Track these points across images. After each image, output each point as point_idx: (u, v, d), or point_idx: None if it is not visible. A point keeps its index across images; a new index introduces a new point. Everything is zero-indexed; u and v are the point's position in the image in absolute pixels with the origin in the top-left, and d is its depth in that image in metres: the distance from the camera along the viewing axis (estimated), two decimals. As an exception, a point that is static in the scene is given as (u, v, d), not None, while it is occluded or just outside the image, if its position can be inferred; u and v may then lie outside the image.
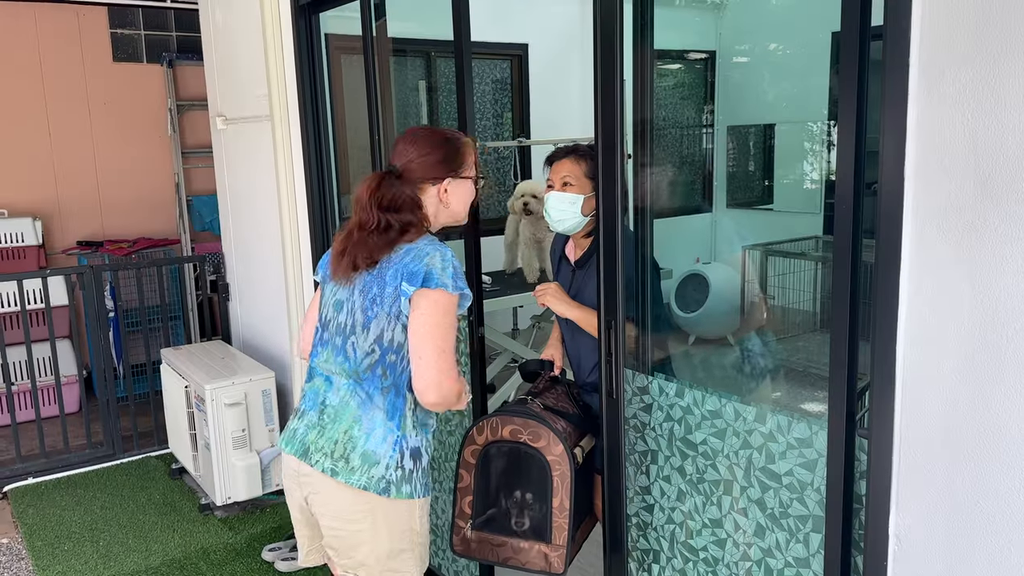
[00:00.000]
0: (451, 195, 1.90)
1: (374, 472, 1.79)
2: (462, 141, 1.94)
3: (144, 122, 5.57)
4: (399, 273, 1.77)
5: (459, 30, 2.39)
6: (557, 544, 2.01)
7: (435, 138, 1.91)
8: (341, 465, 1.81)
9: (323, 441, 1.85)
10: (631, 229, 2.04)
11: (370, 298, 1.80)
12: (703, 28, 6.22)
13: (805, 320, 5.20)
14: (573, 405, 2.24)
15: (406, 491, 1.81)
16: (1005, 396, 1.25)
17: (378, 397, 1.81)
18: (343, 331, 1.86)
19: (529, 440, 2.03)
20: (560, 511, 2.00)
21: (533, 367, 2.39)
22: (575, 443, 2.11)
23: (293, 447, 1.91)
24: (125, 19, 5.45)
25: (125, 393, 4.82)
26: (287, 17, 3.36)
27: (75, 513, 3.71)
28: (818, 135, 5.65)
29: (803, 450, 1.61)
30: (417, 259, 1.77)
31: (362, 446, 1.80)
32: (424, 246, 1.81)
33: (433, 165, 1.87)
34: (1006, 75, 1.20)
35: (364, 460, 1.80)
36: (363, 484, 1.79)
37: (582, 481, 2.16)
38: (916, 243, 1.33)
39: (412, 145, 1.89)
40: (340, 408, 1.85)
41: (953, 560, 1.35)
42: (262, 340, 4.20)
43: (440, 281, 1.74)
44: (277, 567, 3.19)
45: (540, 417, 2.04)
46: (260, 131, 3.75)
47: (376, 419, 1.81)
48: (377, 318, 1.79)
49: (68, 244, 5.33)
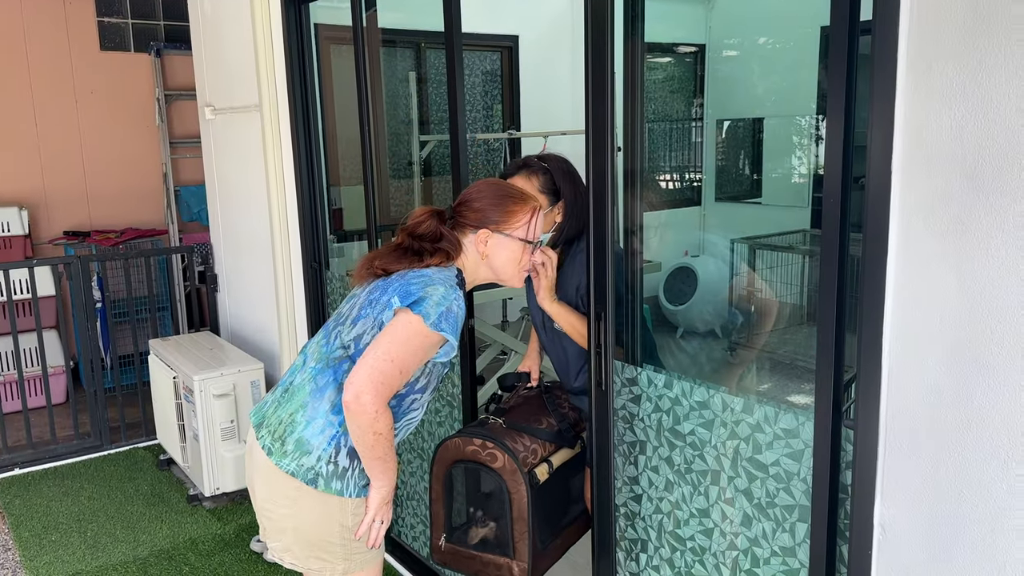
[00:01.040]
0: (491, 250, 1.88)
1: (304, 461, 1.78)
2: (521, 200, 1.90)
3: (132, 112, 5.53)
4: (399, 288, 1.76)
5: (450, 21, 2.39)
6: (520, 559, 2.10)
7: (495, 189, 1.91)
8: (276, 446, 1.81)
9: (274, 417, 1.86)
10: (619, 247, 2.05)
11: (370, 300, 1.81)
12: (693, 21, 6.23)
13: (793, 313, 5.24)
14: (550, 417, 2.26)
15: (336, 487, 1.79)
16: (988, 387, 1.27)
17: (331, 391, 1.80)
18: (338, 318, 1.89)
19: (487, 460, 2.09)
20: (519, 528, 2.08)
21: (511, 380, 2.42)
22: (543, 459, 2.16)
23: (255, 416, 1.93)
24: (112, 8, 5.41)
25: (112, 384, 4.80)
26: (276, 6, 3.34)
27: (62, 504, 3.70)
28: (807, 129, 5.68)
29: (790, 440, 1.63)
30: (421, 283, 1.75)
31: (299, 432, 1.80)
32: (436, 276, 1.79)
33: (477, 211, 1.87)
34: (993, 70, 1.21)
35: (297, 447, 1.79)
36: (291, 470, 1.79)
37: (558, 493, 2.21)
38: (903, 237, 1.35)
39: (475, 190, 1.91)
40: (297, 389, 1.85)
41: (937, 549, 1.37)
42: (251, 331, 4.20)
43: (424, 310, 1.71)
44: (266, 557, 3.19)
45: (496, 438, 2.10)
46: (249, 121, 3.73)
47: (320, 410, 1.80)
48: (364, 319, 1.79)
49: (55, 234, 5.30)
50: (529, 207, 1.90)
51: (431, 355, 1.78)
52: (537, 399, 2.34)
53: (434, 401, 2.81)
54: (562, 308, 2.14)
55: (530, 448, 2.14)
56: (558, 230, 2.20)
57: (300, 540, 1.85)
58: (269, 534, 1.91)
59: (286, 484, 1.80)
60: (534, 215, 1.91)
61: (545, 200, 2.15)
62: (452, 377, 2.70)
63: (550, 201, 2.16)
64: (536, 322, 2.35)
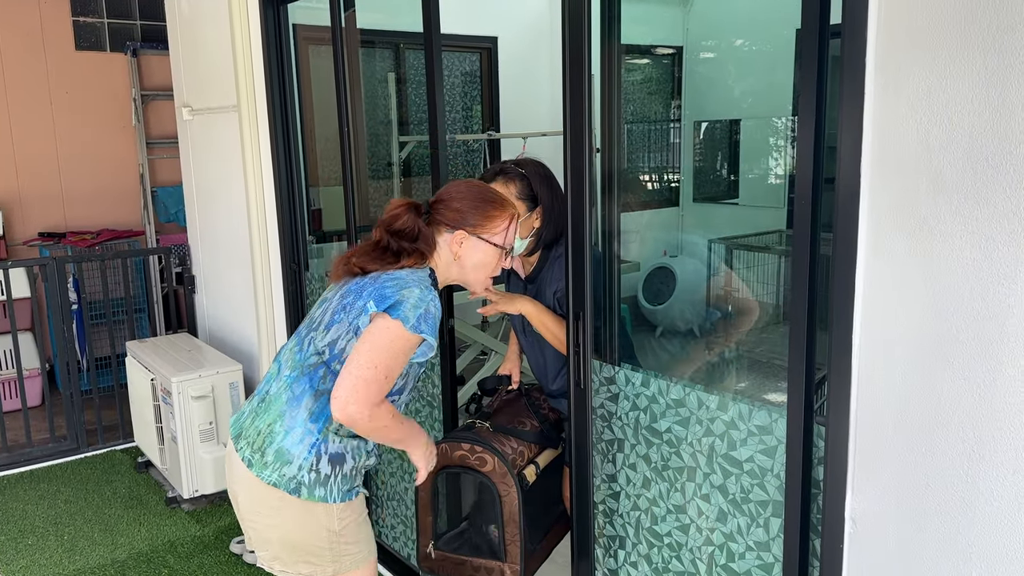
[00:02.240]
0: (465, 252, 1.87)
1: (286, 471, 1.78)
2: (501, 206, 1.89)
3: (108, 112, 5.48)
4: (373, 292, 1.75)
5: (429, 22, 2.40)
6: (512, 562, 2.11)
7: (476, 191, 1.90)
8: (256, 458, 1.80)
9: (251, 429, 1.85)
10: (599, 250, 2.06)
11: (343, 304, 1.79)
12: (670, 23, 6.27)
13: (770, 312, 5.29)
14: (533, 419, 2.28)
15: (319, 494, 1.79)
16: (952, 384, 1.30)
17: (308, 398, 1.79)
18: (310, 323, 1.87)
19: (476, 465, 2.10)
20: (511, 531, 2.09)
21: (491, 384, 2.42)
22: (529, 460, 2.18)
23: (234, 427, 1.91)
24: (87, 7, 5.36)
25: (89, 386, 4.75)
26: (255, 7, 3.34)
27: (39, 507, 3.67)
28: (782, 131, 5.74)
29: (763, 437, 1.66)
30: (396, 287, 1.75)
31: (278, 443, 1.79)
32: (410, 278, 1.78)
33: (456, 211, 1.86)
34: (958, 75, 1.24)
35: (277, 457, 1.78)
36: (273, 481, 1.78)
37: (544, 494, 2.23)
38: (872, 238, 1.38)
39: (455, 189, 1.90)
40: (273, 399, 1.84)
41: (906, 541, 1.41)
42: (229, 332, 4.18)
43: (402, 314, 1.70)
44: (245, 559, 3.18)
45: (485, 442, 2.11)
46: (227, 122, 3.72)
47: (298, 419, 1.79)
48: (339, 324, 1.78)
49: (29, 236, 5.24)
50: (508, 213, 1.90)
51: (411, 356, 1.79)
52: (519, 402, 2.36)
53: (414, 402, 2.82)
54: (536, 308, 2.15)
55: (517, 450, 2.14)
56: (536, 235, 2.21)
57: (287, 548, 1.84)
58: (255, 544, 1.90)
59: (269, 495, 1.80)
60: (512, 222, 1.91)
61: (523, 207, 2.16)
62: (432, 378, 2.71)
63: (528, 207, 2.17)
64: (516, 325, 2.36)
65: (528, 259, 2.30)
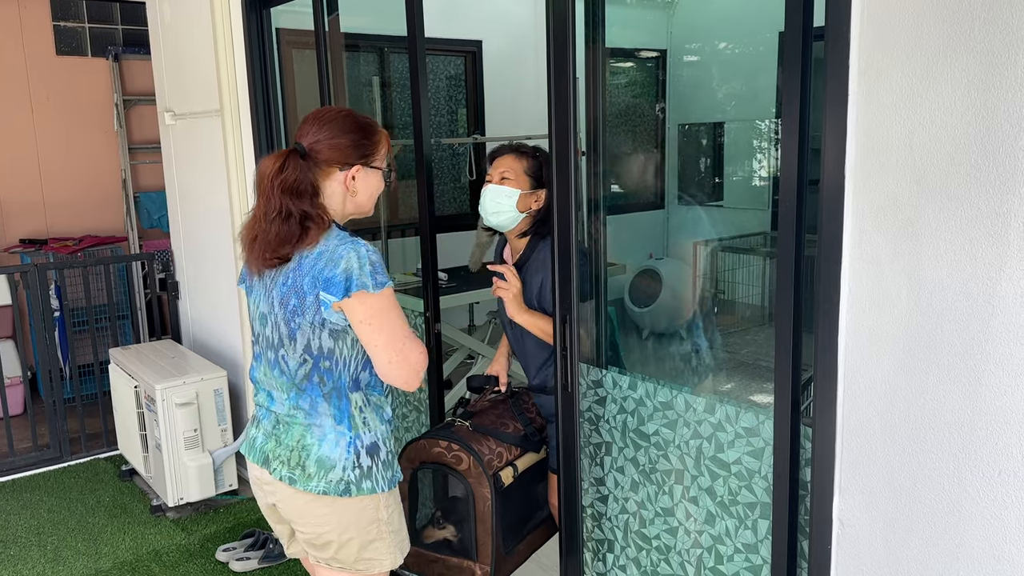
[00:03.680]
0: (359, 184, 1.82)
1: (331, 476, 1.78)
2: (376, 129, 1.86)
3: (89, 117, 5.44)
4: (316, 281, 1.71)
5: (412, 26, 2.40)
6: (483, 562, 2.11)
7: (349, 122, 1.82)
8: (298, 473, 1.80)
9: (280, 450, 1.84)
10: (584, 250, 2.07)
11: (290, 310, 1.76)
12: (654, 27, 6.29)
13: (754, 314, 5.31)
14: (517, 421, 2.28)
15: (367, 487, 1.80)
16: (938, 385, 1.31)
17: (322, 404, 1.79)
18: (272, 345, 1.83)
19: (452, 463, 2.11)
20: (482, 531, 2.09)
21: (479, 383, 2.43)
22: (508, 463, 2.17)
23: (254, 455, 1.90)
24: (68, 11, 5.31)
25: (72, 394, 4.71)
26: (237, 11, 3.32)
27: (21, 517, 3.62)
28: (766, 133, 5.77)
29: (751, 439, 1.66)
30: (332, 264, 1.70)
31: (316, 453, 1.79)
32: (336, 247, 1.72)
33: (343, 149, 1.79)
34: (940, 77, 1.25)
35: (320, 466, 1.78)
36: (322, 489, 1.78)
37: (523, 497, 2.23)
38: (856, 239, 1.38)
39: (323, 126, 1.79)
40: (289, 418, 1.83)
41: (893, 541, 1.41)
42: (213, 339, 4.15)
43: (360, 282, 1.68)
44: (232, 567, 3.16)
45: (462, 440, 2.11)
46: (210, 126, 3.69)
47: (326, 425, 1.79)
48: (301, 329, 1.75)
49: (10, 242, 5.18)
50: (383, 133, 1.88)
51: None
52: (504, 404, 2.35)
53: (401, 406, 2.80)
54: (532, 316, 2.17)
55: (495, 451, 2.15)
56: (532, 216, 2.22)
57: (344, 549, 1.84)
58: (314, 549, 1.89)
59: (319, 504, 1.80)
60: (387, 140, 1.88)
61: (528, 183, 2.20)
62: (418, 382, 2.69)
63: (531, 184, 2.20)
64: (504, 320, 2.36)
65: (516, 243, 2.32)
